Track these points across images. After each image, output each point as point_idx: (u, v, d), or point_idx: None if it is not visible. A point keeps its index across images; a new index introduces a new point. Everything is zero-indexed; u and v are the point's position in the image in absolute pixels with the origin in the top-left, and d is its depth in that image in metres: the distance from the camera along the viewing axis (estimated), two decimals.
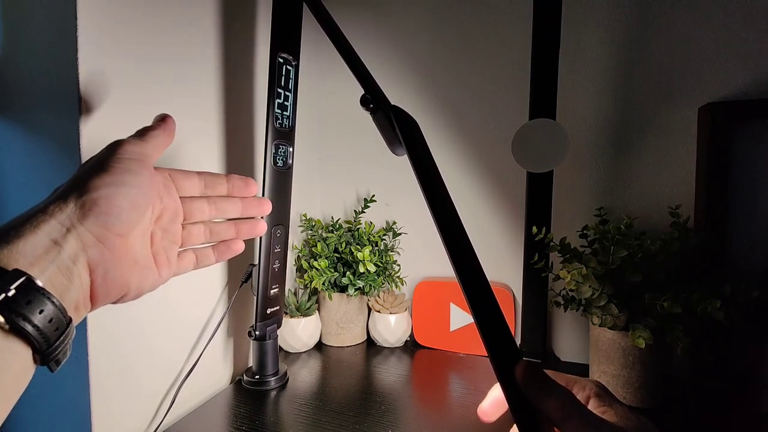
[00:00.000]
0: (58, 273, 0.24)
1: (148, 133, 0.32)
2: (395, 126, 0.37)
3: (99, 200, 0.27)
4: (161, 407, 0.54)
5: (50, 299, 0.23)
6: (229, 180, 0.39)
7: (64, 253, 0.25)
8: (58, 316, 0.23)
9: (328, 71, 0.85)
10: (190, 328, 0.59)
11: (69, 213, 0.26)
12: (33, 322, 0.22)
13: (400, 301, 0.80)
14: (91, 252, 0.26)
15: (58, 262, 0.24)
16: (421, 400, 0.63)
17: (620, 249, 0.56)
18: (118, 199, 0.27)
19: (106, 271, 0.27)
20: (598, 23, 0.69)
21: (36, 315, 0.22)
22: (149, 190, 0.30)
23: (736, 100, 0.62)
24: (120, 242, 0.28)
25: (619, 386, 0.59)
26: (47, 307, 0.23)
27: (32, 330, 0.22)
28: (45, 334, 0.23)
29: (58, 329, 0.24)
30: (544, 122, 0.59)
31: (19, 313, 0.22)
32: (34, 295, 0.22)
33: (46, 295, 0.23)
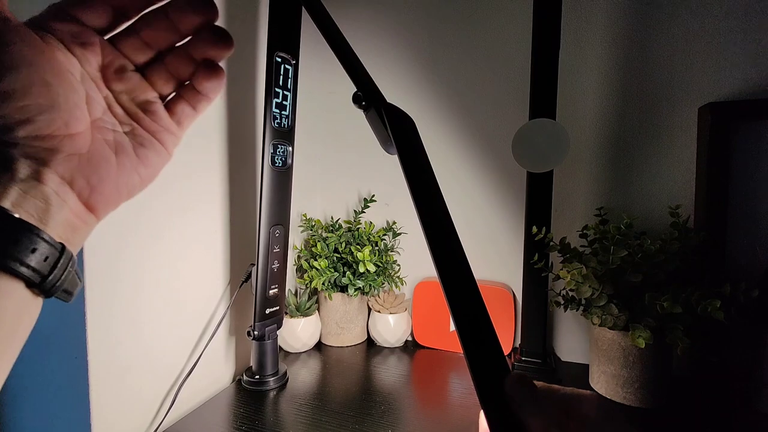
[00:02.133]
0: (26, 196, 0.20)
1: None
2: (386, 124, 0.37)
3: (2, 110, 0.20)
4: (162, 407, 0.54)
5: (26, 227, 0.20)
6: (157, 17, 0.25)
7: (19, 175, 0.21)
8: (41, 244, 0.20)
9: (330, 70, 0.85)
10: (191, 328, 0.59)
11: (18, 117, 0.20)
12: (13, 255, 0.19)
13: (400, 301, 0.80)
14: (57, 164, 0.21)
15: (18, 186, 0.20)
16: (421, 400, 0.63)
17: (620, 249, 0.56)
18: (18, 96, 0.20)
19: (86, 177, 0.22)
20: (598, 23, 0.69)
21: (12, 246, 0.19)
22: (41, 53, 0.22)
23: (736, 100, 0.62)
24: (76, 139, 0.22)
25: (619, 386, 0.59)
26: (24, 236, 0.20)
27: (14, 263, 0.19)
28: (31, 265, 0.20)
29: (47, 258, 0.21)
30: (544, 122, 0.59)
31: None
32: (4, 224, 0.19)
33: (20, 222, 0.20)
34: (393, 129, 0.36)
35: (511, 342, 0.74)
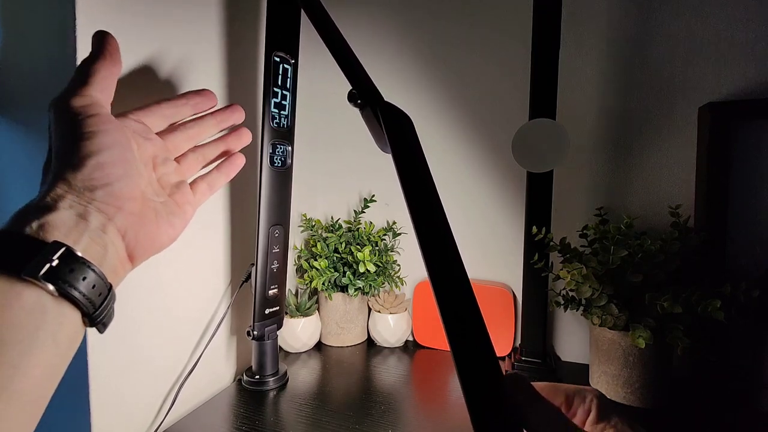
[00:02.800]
0: (92, 243, 0.25)
1: (88, 72, 0.30)
2: (381, 123, 0.36)
3: (94, 174, 0.27)
4: (162, 407, 0.54)
5: (90, 267, 0.25)
6: (188, 99, 0.38)
7: (91, 225, 0.26)
8: (99, 282, 0.25)
9: (330, 70, 0.85)
10: (191, 328, 0.59)
11: (79, 192, 0.26)
12: (78, 289, 0.24)
13: (400, 301, 0.80)
14: (118, 221, 0.27)
15: (89, 233, 0.25)
16: (421, 400, 0.63)
17: (620, 249, 0.56)
18: (108, 166, 0.27)
19: (135, 232, 0.29)
20: (598, 23, 0.69)
21: (80, 282, 0.24)
22: (126, 140, 0.30)
23: (736, 100, 0.62)
24: (135, 202, 0.29)
25: (619, 386, 0.59)
26: (89, 274, 0.24)
27: (79, 295, 0.24)
28: (90, 299, 0.24)
29: (101, 294, 0.25)
30: (544, 122, 0.59)
31: (65, 281, 0.23)
32: (75, 264, 0.24)
33: (86, 263, 0.24)
34: (388, 128, 0.35)
35: (511, 342, 0.74)
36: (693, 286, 0.53)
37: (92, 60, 0.31)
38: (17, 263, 0.22)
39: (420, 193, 0.31)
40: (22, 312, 0.22)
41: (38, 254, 0.23)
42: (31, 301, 0.22)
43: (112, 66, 0.31)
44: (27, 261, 0.22)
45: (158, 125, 0.36)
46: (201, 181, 0.39)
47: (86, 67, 0.30)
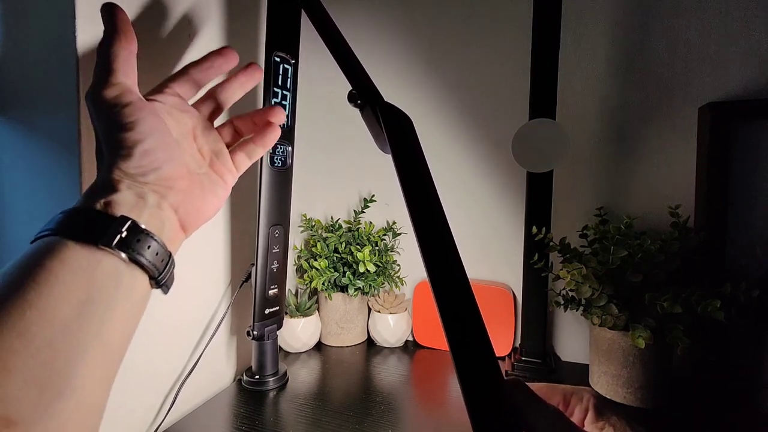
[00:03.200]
0: (151, 218, 0.29)
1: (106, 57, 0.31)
2: (381, 123, 0.36)
3: (142, 162, 0.29)
4: (162, 407, 0.54)
5: (153, 237, 0.28)
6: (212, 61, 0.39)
7: (149, 203, 0.29)
8: (161, 250, 0.29)
9: (331, 70, 0.85)
10: (192, 328, 0.59)
11: (132, 177, 0.29)
12: (144, 256, 0.27)
13: (400, 301, 0.80)
14: (170, 198, 0.31)
15: (147, 209, 0.29)
16: (421, 400, 0.63)
17: (620, 249, 0.56)
18: (153, 152, 0.30)
19: (185, 206, 0.32)
20: (598, 23, 0.69)
21: (146, 250, 0.28)
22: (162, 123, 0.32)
23: (736, 100, 0.62)
24: (183, 180, 0.32)
25: (619, 386, 0.59)
26: (152, 243, 0.28)
27: (146, 261, 0.27)
28: (155, 264, 0.28)
29: (163, 260, 0.29)
30: (544, 122, 0.59)
31: (134, 249, 0.27)
32: (140, 235, 0.27)
33: (149, 234, 0.28)
34: (388, 128, 0.35)
35: (511, 342, 0.74)
36: (693, 286, 0.53)
37: (109, 42, 0.31)
38: (94, 235, 0.26)
39: (420, 193, 0.31)
40: (104, 275, 0.26)
41: (110, 227, 0.26)
42: (109, 266, 0.26)
43: (130, 44, 0.32)
44: (102, 233, 0.26)
45: (190, 93, 0.37)
46: (239, 150, 0.40)
47: (106, 50, 0.31)
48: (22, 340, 0.22)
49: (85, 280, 0.25)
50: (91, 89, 0.31)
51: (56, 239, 0.25)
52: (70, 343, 0.23)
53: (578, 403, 0.24)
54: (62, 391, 0.23)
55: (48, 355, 0.22)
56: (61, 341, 0.23)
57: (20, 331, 0.22)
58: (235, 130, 0.41)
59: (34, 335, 0.22)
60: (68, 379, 0.23)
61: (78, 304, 0.24)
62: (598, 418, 0.23)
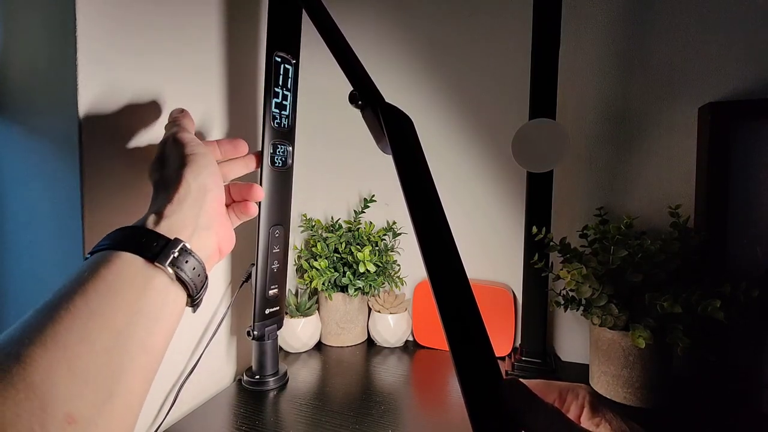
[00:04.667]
0: (199, 240, 0.34)
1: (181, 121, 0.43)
2: (381, 123, 0.36)
3: (207, 180, 0.36)
4: (162, 407, 0.54)
5: (197, 259, 0.33)
6: (220, 145, 0.47)
7: (200, 227, 0.34)
8: (201, 270, 0.33)
9: (332, 70, 0.85)
10: (192, 328, 0.59)
11: (194, 195, 0.35)
12: (189, 276, 0.32)
13: (400, 301, 0.80)
14: (214, 220, 0.36)
15: (198, 233, 0.34)
16: (421, 400, 0.63)
17: (620, 249, 0.56)
18: (213, 176, 0.38)
19: (223, 232, 0.38)
20: (598, 23, 0.69)
21: (190, 270, 0.32)
22: (216, 163, 0.40)
23: (736, 100, 0.62)
24: (222, 208, 0.39)
25: (619, 386, 0.59)
26: (197, 264, 0.32)
27: (189, 280, 0.32)
28: (196, 283, 0.32)
29: (202, 280, 0.33)
30: (544, 122, 0.59)
31: (181, 268, 0.31)
32: (189, 256, 0.32)
33: (195, 256, 0.32)
34: (389, 128, 0.35)
35: (511, 342, 0.74)
36: (693, 286, 0.53)
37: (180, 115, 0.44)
38: (151, 253, 0.30)
39: (420, 193, 0.32)
40: (154, 290, 0.29)
41: (165, 247, 0.31)
42: (159, 282, 0.30)
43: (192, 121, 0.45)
44: (158, 252, 0.30)
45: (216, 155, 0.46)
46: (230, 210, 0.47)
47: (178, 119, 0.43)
48: (86, 344, 0.25)
49: (139, 293, 0.28)
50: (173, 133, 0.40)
51: (115, 254, 0.29)
52: (123, 349, 0.26)
53: (574, 400, 0.25)
54: (113, 392, 0.25)
55: (105, 359, 0.25)
56: (115, 347, 0.26)
57: (84, 336, 0.25)
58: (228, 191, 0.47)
59: (94, 341, 0.25)
60: (119, 382, 0.26)
61: (131, 314, 0.27)
62: (593, 414, 0.23)
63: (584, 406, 0.24)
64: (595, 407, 0.24)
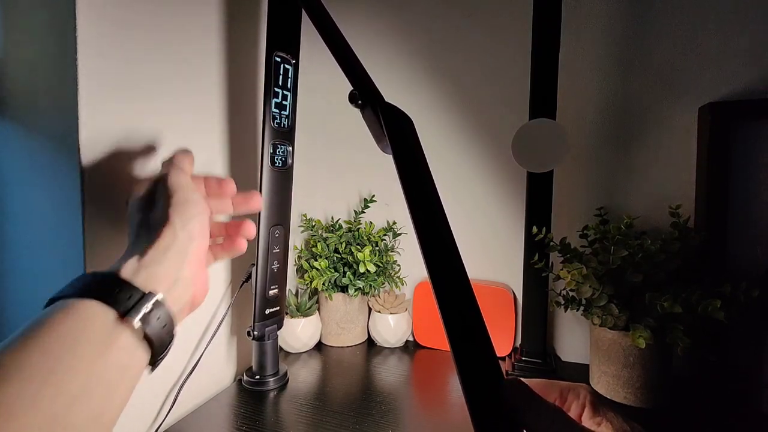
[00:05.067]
0: (176, 293, 0.31)
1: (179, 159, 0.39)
2: (381, 123, 0.36)
3: (195, 227, 0.34)
4: (163, 407, 0.54)
5: (170, 315, 0.30)
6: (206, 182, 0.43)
7: (181, 279, 0.31)
8: (171, 327, 0.30)
9: (331, 70, 0.85)
10: (192, 328, 0.59)
11: (181, 241, 0.32)
12: (158, 333, 0.29)
13: (400, 301, 0.80)
14: (196, 270, 0.33)
15: (177, 285, 0.31)
16: (421, 400, 0.63)
17: (620, 249, 0.56)
18: (203, 224, 0.35)
19: (200, 283, 0.35)
20: (599, 23, 0.69)
21: (159, 327, 0.29)
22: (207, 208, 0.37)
23: (736, 100, 0.62)
24: (204, 258, 0.36)
25: (619, 386, 0.59)
26: (168, 321, 0.30)
27: (157, 339, 0.29)
28: (163, 341, 0.29)
29: (169, 338, 0.30)
30: (544, 122, 0.59)
31: (150, 325, 0.28)
32: (162, 311, 0.29)
33: (169, 312, 0.30)
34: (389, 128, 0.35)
35: (512, 342, 0.74)
36: (693, 286, 0.53)
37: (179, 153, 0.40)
38: (124, 308, 0.27)
39: (420, 193, 0.32)
40: (119, 351, 0.26)
41: (139, 302, 0.28)
42: (126, 341, 0.27)
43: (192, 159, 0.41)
44: (131, 307, 0.27)
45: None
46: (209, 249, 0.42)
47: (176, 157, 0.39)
48: (34, 413, 0.22)
49: (101, 352, 0.26)
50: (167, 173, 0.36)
51: (82, 303, 0.26)
52: (71, 420, 0.24)
53: (575, 399, 0.24)
54: None
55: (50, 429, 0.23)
56: (63, 417, 0.23)
57: (34, 402, 0.22)
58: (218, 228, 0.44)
59: (45, 409, 0.23)
60: None
61: (89, 377, 0.25)
62: (595, 413, 0.23)
63: (585, 406, 0.24)
64: (596, 407, 0.24)
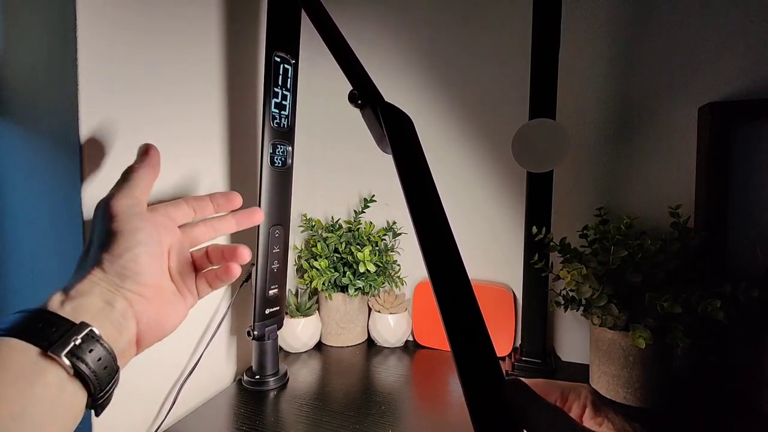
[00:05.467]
0: (111, 327, 0.29)
1: (133, 176, 0.35)
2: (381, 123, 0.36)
3: (128, 264, 0.31)
4: (162, 407, 0.54)
5: (106, 348, 0.27)
6: (212, 199, 0.42)
7: (115, 311, 0.29)
8: (110, 363, 0.28)
9: (331, 70, 0.85)
10: (192, 328, 0.59)
11: (110, 279, 0.30)
12: (92, 368, 0.26)
13: (400, 301, 0.80)
14: (137, 306, 0.31)
15: (111, 319, 0.29)
16: (421, 400, 0.63)
17: (620, 249, 0.56)
18: (141, 258, 0.32)
19: (148, 318, 0.32)
20: (598, 23, 0.69)
21: (96, 362, 0.26)
22: (158, 236, 0.34)
23: (736, 100, 0.62)
24: (154, 290, 0.33)
25: (619, 386, 0.59)
26: (104, 355, 0.27)
27: (91, 375, 0.26)
28: (101, 379, 0.27)
29: (109, 375, 0.28)
30: (544, 122, 0.59)
31: (83, 360, 0.26)
32: (95, 344, 0.27)
33: (104, 345, 0.27)
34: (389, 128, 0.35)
35: (511, 342, 0.74)
36: (693, 286, 0.53)
37: (140, 167, 0.36)
38: (46, 339, 0.25)
39: (420, 193, 0.32)
40: (45, 389, 0.24)
41: (65, 333, 0.26)
42: (54, 377, 0.25)
43: (154, 175, 0.37)
44: (55, 339, 0.25)
45: (184, 216, 0.39)
46: (204, 277, 0.40)
47: (132, 172, 0.35)
48: None
49: (24, 391, 0.23)
50: (108, 197, 0.33)
51: (5, 341, 0.24)
52: None
53: (576, 399, 0.24)
54: None
55: None
56: None
57: None
58: (207, 255, 0.41)
59: None
60: None
61: (9, 418, 0.22)
62: (596, 413, 0.23)
63: (586, 406, 0.24)
64: (597, 407, 0.24)
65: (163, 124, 0.52)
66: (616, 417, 0.23)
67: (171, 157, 0.53)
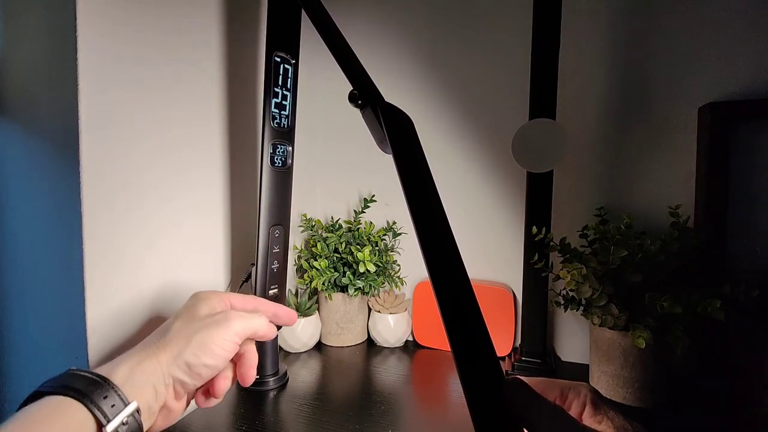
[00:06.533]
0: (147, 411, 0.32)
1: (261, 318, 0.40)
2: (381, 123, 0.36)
3: (198, 377, 0.35)
4: None
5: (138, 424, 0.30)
6: (276, 309, 0.44)
7: (158, 398, 0.33)
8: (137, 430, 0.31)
9: (331, 70, 0.85)
10: None
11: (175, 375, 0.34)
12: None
13: (400, 301, 0.80)
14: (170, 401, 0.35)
15: (150, 403, 0.32)
16: (421, 400, 0.63)
17: (620, 249, 0.56)
18: (208, 377, 0.36)
19: (168, 410, 0.35)
20: (598, 23, 0.69)
21: None
22: (230, 369, 0.40)
23: (736, 100, 0.62)
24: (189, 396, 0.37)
25: (619, 386, 0.59)
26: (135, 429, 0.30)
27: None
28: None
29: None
30: (544, 122, 0.59)
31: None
32: (132, 419, 0.30)
33: (137, 420, 0.30)
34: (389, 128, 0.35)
35: (511, 342, 0.74)
36: (693, 286, 0.53)
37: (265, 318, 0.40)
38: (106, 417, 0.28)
39: (420, 193, 0.32)
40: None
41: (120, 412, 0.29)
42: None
43: (269, 333, 0.41)
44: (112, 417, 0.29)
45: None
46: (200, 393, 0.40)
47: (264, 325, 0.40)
48: None
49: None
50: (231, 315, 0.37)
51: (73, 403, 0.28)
52: None
53: (576, 398, 0.24)
54: None
55: None
56: None
57: None
58: None
59: None
60: None
61: None
62: (595, 412, 0.23)
63: (586, 405, 0.24)
64: (597, 405, 0.24)
65: (163, 124, 0.52)
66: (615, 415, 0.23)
67: (171, 157, 0.53)
